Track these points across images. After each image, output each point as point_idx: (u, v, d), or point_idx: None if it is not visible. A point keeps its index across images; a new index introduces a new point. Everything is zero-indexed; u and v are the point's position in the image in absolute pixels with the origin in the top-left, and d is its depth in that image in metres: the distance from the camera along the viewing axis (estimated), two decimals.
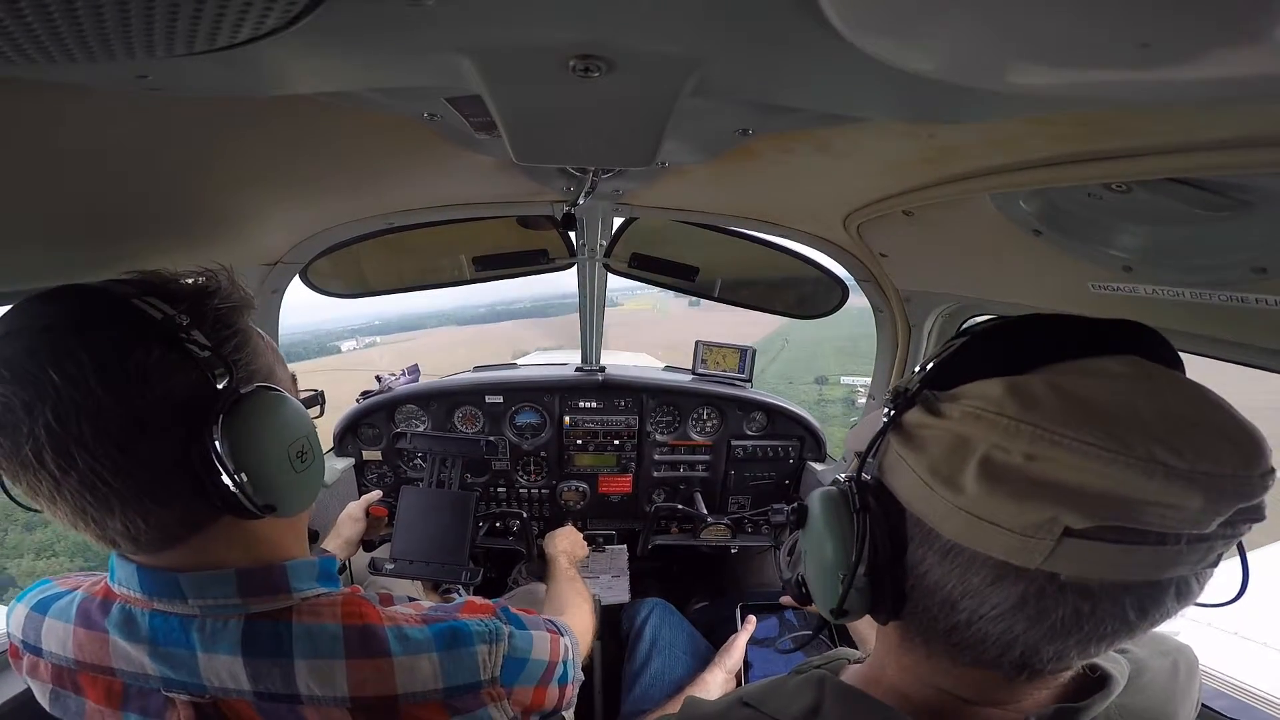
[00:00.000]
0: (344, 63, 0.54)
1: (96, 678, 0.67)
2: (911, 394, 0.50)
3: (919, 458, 0.47)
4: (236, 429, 0.60)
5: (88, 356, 0.55)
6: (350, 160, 1.12)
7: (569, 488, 2.24)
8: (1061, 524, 0.39)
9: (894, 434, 0.51)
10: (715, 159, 1.05)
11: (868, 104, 0.64)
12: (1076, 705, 0.50)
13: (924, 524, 0.47)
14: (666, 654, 1.57)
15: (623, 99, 0.61)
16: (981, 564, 0.44)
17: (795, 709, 0.56)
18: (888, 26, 0.38)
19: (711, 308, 1.82)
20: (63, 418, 0.54)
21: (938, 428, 0.46)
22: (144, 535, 0.60)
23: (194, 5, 0.33)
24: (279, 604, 0.66)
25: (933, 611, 0.48)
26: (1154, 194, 0.69)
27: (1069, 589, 0.42)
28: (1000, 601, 0.44)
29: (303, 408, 0.70)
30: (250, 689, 0.64)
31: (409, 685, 0.66)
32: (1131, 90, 0.40)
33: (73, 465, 0.55)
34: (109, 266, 1.00)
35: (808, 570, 0.58)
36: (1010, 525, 0.41)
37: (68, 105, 0.64)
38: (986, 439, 0.42)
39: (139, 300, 0.60)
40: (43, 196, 0.78)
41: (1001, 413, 0.42)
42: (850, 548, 0.50)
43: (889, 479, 0.51)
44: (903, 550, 0.49)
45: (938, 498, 0.45)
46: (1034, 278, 1.07)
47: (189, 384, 0.59)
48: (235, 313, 0.68)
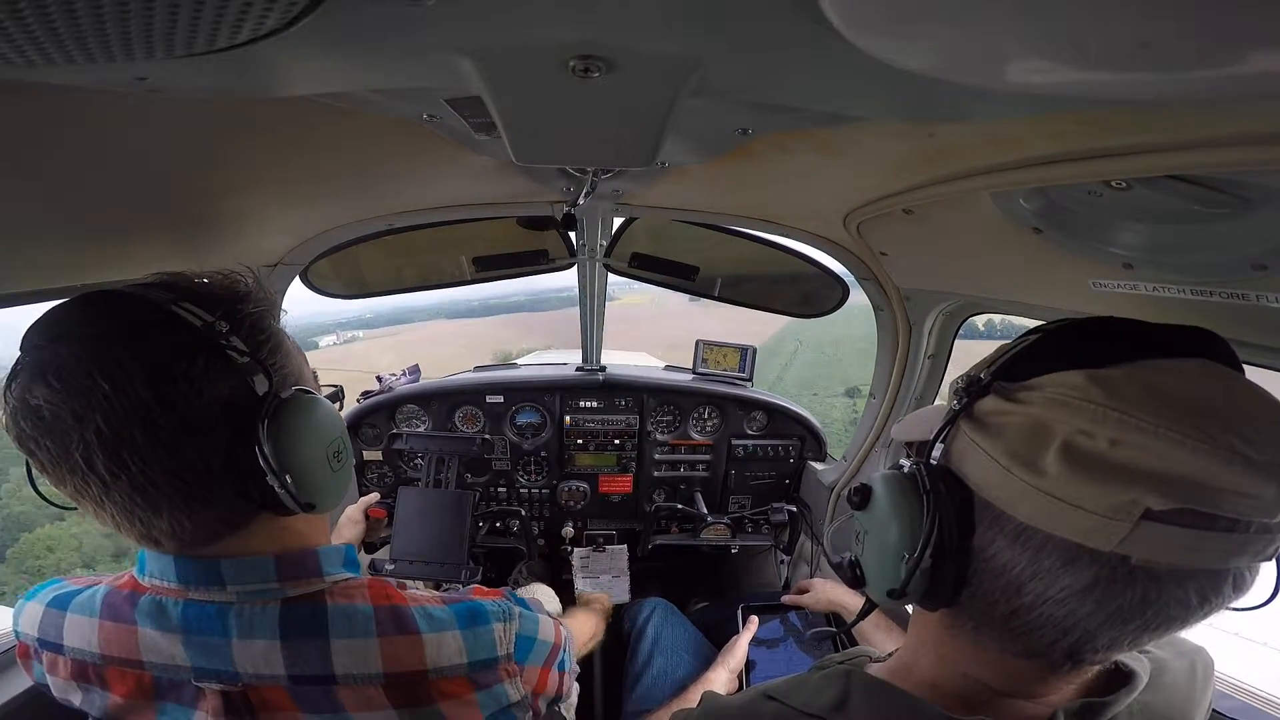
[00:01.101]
0: (344, 64, 0.54)
1: (125, 672, 0.68)
2: (985, 383, 0.51)
3: (995, 443, 0.48)
4: (280, 433, 0.63)
5: (138, 365, 0.57)
6: (350, 161, 1.12)
7: (569, 487, 2.24)
8: (1142, 506, 0.41)
9: (965, 421, 0.52)
10: (715, 159, 1.05)
11: (868, 103, 0.64)
12: (1102, 700, 0.52)
13: (994, 507, 0.48)
14: (669, 654, 1.57)
15: (623, 99, 0.61)
16: (1055, 546, 0.45)
17: (822, 701, 0.56)
18: (888, 26, 0.38)
19: (711, 304, 1.82)
20: (114, 424, 0.56)
21: (1016, 413, 0.48)
22: (188, 534, 0.63)
23: (193, 6, 0.33)
24: (313, 586, 0.69)
25: (995, 595, 0.49)
26: (1154, 191, 0.69)
27: (1139, 573, 0.43)
28: (1070, 584, 0.45)
29: (333, 408, 0.73)
30: (285, 673, 0.66)
31: (437, 660, 0.69)
32: (1131, 89, 0.40)
33: (124, 469, 0.57)
34: (110, 267, 1.01)
35: (866, 551, 0.58)
36: (1092, 507, 0.42)
37: (67, 107, 0.64)
38: (1069, 424, 0.44)
39: (177, 307, 0.62)
40: (43, 197, 0.78)
41: (1087, 399, 0.44)
42: (917, 530, 0.50)
43: (957, 464, 0.52)
44: (970, 533, 0.50)
45: (1015, 480, 0.46)
46: (1034, 275, 1.07)
47: (231, 389, 0.62)
48: (267, 316, 0.70)
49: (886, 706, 0.55)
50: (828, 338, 57.07)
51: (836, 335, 55.00)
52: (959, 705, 0.54)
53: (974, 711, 0.53)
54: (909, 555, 0.51)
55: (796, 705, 0.57)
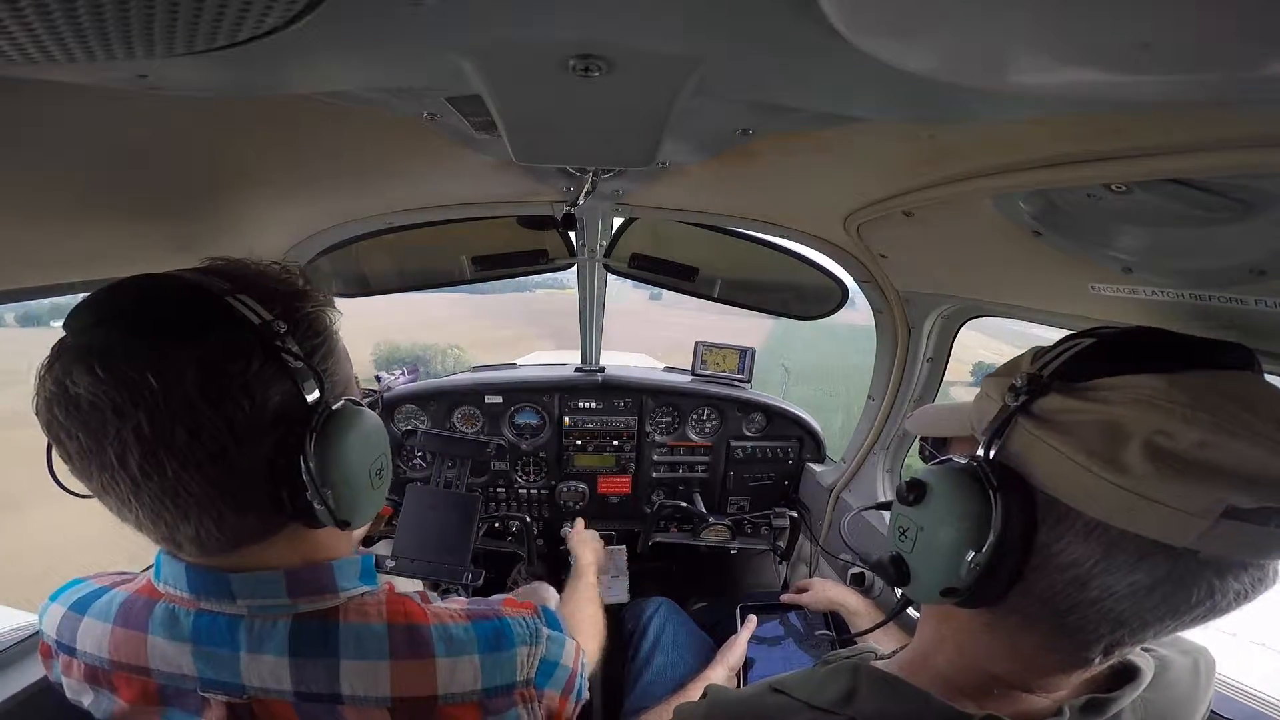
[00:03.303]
0: (344, 63, 0.54)
1: (132, 678, 0.67)
2: (1046, 382, 0.51)
3: (1067, 439, 0.48)
4: (327, 446, 0.60)
5: (192, 365, 0.53)
6: (350, 160, 1.12)
7: (568, 488, 2.23)
8: (1226, 504, 0.42)
9: (1025, 419, 0.52)
10: (715, 159, 1.05)
11: (868, 104, 0.64)
12: (1108, 695, 0.53)
13: (1061, 504, 0.49)
14: (670, 652, 1.57)
15: (623, 99, 0.61)
16: (1129, 541, 0.46)
17: (829, 694, 0.57)
18: (888, 26, 0.38)
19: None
20: (158, 424, 0.52)
21: (1088, 412, 0.48)
22: (213, 541, 0.60)
23: (194, 5, 0.33)
24: (326, 603, 0.66)
25: (1055, 590, 0.50)
26: (1154, 195, 0.68)
27: (1207, 568, 0.45)
28: (1141, 579, 0.46)
29: (380, 422, 0.69)
30: (291, 689, 0.64)
31: (449, 687, 0.66)
32: (1132, 91, 0.40)
33: (159, 471, 0.53)
34: (109, 264, 1.00)
35: (917, 549, 0.56)
36: (1176, 504, 0.43)
37: (67, 104, 0.64)
38: (1148, 424, 0.45)
39: (234, 299, 0.58)
40: (43, 195, 0.78)
41: (1172, 400, 0.45)
42: (984, 527, 0.50)
43: (1017, 462, 0.52)
44: (1034, 530, 0.50)
45: (1092, 478, 0.46)
46: (1034, 279, 1.07)
47: (283, 396, 0.58)
48: (324, 316, 0.67)
49: (895, 700, 0.55)
50: (830, 363, 47.52)
51: (828, 364, 46.29)
52: (968, 699, 0.54)
53: (984, 706, 0.53)
54: (974, 553, 0.50)
55: (803, 698, 0.57)
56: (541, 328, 58.41)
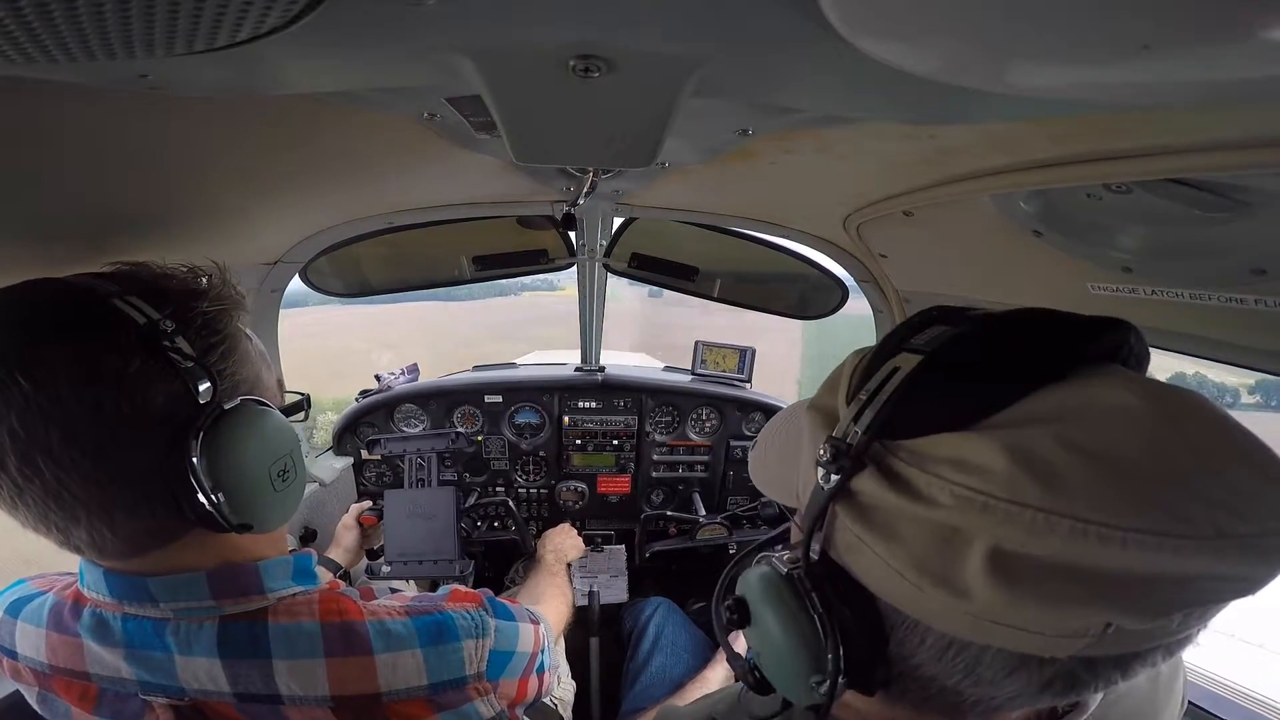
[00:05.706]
0: (344, 62, 0.54)
1: (71, 683, 0.66)
2: (857, 450, 0.39)
3: (891, 548, 0.37)
4: (217, 447, 0.58)
5: (61, 364, 0.52)
6: (350, 160, 1.12)
7: (567, 488, 2.24)
8: (1110, 624, 0.33)
9: (844, 507, 0.40)
10: (715, 159, 1.05)
11: (868, 105, 0.64)
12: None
13: (907, 615, 0.39)
14: (669, 652, 1.57)
15: (623, 99, 0.61)
16: (995, 656, 0.37)
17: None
18: (888, 28, 0.38)
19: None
20: (29, 425, 0.51)
21: (910, 514, 0.36)
22: (110, 545, 0.58)
23: (194, 4, 0.33)
24: (254, 604, 0.64)
25: (930, 694, 0.42)
26: (1154, 195, 0.69)
27: (1105, 663, 0.36)
28: (1019, 687, 0.38)
29: (286, 422, 0.67)
30: (230, 690, 0.63)
31: (392, 683, 0.65)
32: (1132, 91, 0.40)
33: (37, 474, 0.52)
34: (108, 264, 1.00)
35: (764, 662, 0.47)
36: (1040, 629, 0.34)
37: (67, 104, 0.64)
38: (991, 531, 0.33)
39: (121, 301, 0.57)
40: (41, 194, 0.78)
41: (1017, 500, 0.32)
42: (815, 647, 0.41)
43: (848, 560, 0.41)
44: (883, 643, 0.41)
45: (929, 598, 0.36)
46: (1034, 278, 1.07)
47: (169, 395, 0.57)
48: (224, 316, 0.65)
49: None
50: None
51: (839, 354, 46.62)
52: None
53: None
54: (817, 679, 0.41)
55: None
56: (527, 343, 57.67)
